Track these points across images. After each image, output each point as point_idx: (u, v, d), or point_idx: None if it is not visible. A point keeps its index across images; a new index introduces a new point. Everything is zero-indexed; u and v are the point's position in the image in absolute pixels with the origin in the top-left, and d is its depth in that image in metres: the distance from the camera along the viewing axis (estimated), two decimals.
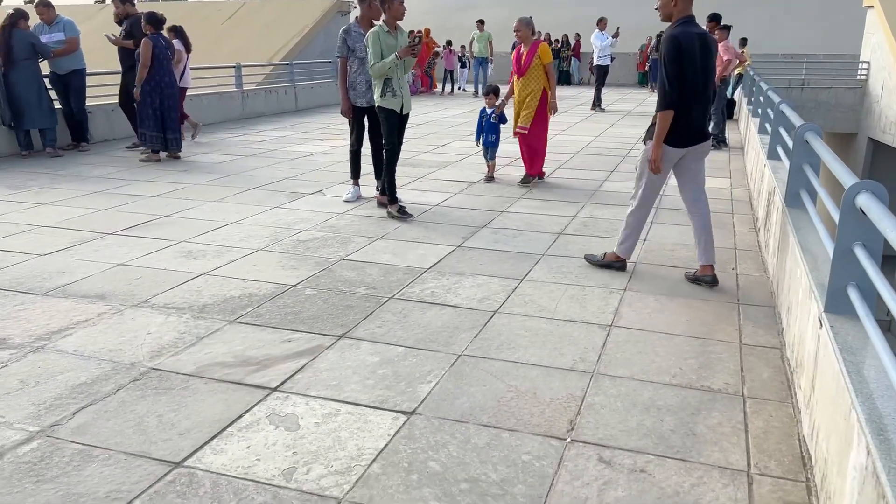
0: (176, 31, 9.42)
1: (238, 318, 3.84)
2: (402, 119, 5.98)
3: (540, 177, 7.61)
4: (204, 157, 9.03)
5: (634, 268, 4.77)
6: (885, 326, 10.76)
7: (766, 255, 5.00)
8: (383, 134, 5.93)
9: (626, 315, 3.94)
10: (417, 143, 10.11)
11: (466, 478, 2.46)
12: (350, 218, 6.00)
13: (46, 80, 8.79)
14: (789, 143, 4.93)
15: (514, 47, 7.53)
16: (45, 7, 8.83)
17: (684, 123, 4.27)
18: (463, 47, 20.90)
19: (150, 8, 8.47)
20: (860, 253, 2.42)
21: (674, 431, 2.76)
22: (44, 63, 8.70)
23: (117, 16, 9.02)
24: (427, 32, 19.77)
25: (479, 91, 18.68)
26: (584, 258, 4.85)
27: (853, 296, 2.46)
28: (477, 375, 3.20)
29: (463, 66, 21.17)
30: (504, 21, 7.46)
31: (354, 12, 11.66)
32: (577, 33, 24.44)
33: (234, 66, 13.23)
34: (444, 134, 11.37)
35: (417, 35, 5.83)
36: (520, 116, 7.37)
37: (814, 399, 2.61)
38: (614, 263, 4.70)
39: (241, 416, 2.83)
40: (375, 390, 3.05)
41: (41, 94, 8.57)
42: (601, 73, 15.36)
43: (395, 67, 5.70)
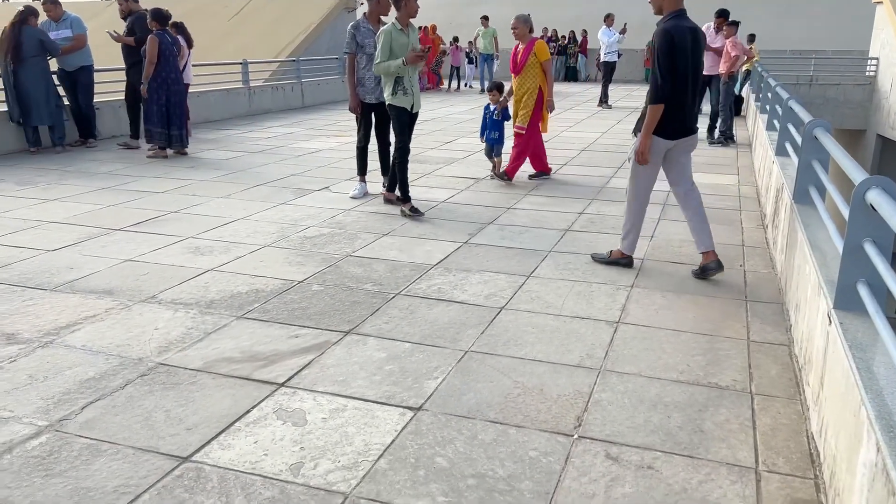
0: (177, 27, 9.42)
1: (245, 313, 3.85)
2: (412, 118, 5.96)
3: (508, 176, 7.30)
4: (211, 153, 9.04)
5: (641, 264, 4.76)
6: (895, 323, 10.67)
7: (773, 251, 4.98)
8: (395, 132, 5.90)
9: (633, 312, 3.93)
10: (424, 140, 10.10)
11: (473, 473, 2.46)
12: (357, 214, 6.00)
13: (55, 76, 8.82)
14: (798, 139, 4.90)
15: None
16: (52, 4, 8.86)
17: (675, 116, 4.33)
18: (470, 43, 20.82)
19: (155, 4, 8.46)
20: (870, 249, 2.41)
21: (681, 428, 2.75)
22: (52, 59, 8.73)
23: (122, 12, 9.04)
24: (433, 29, 19.75)
25: (485, 88, 18.64)
26: (591, 257, 4.84)
27: (863, 292, 2.44)
28: (484, 372, 3.20)
29: (470, 62, 21.09)
30: (508, 17, 7.39)
31: (362, 8, 11.67)
32: (583, 30, 24.35)
33: (240, 63, 13.24)
34: (451, 130, 11.36)
35: (427, 47, 5.79)
36: (517, 115, 7.27)
37: (822, 396, 2.59)
38: (620, 260, 4.69)
39: (248, 412, 2.84)
40: (382, 386, 3.05)
41: (49, 90, 8.59)
42: (608, 70, 15.31)
43: (402, 67, 5.67)
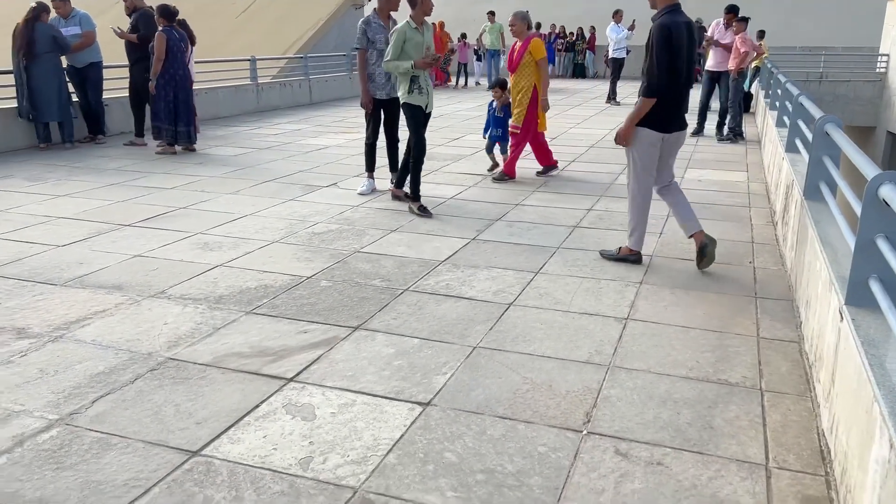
0: (180, 24, 9.41)
1: (254, 309, 3.85)
2: (426, 117, 5.91)
3: (509, 175, 7.25)
4: (219, 149, 9.06)
5: (650, 261, 4.74)
6: None
7: (783, 248, 4.95)
8: (410, 130, 5.82)
9: (642, 308, 3.92)
10: (432, 137, 10.01)
11: (482, 469, 2.45)
12: (365, 211, 6.01)
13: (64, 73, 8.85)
14: (808, 135, 4.88)
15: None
16: (61, 1, 8.85)
17: (671, 110, 4.39)
18: (478, 40, 20.76)
19: (162, 0, 8.45)
20: (883, 245, 2.39)
21: (691, 424, 2.74)
22: (62, 56, 8.76)
23: (127, 9, 9.05)
24: (441, 26, 19.71)
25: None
26: (600, 254, 4.83)
27: (875, 288, 2.42)
28: (492, 367, 3.20)
29: (479, 59, 21.02)
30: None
31: (370, 4, 11.65)
32: (591, 26, 24.28)
33: (248, 60, 13.27)
34: (458, 127, 11.34)
35: (438, 56, 5.76)
36: (513, 114, 7.18)
37: (834, 392, 2.58)
38: (629, 257, 4.67)
39: (257, 406, 2.85)
40: (391, 381, 3.06)
41: (62, 87, 8.63)
42: (616, 66, 15.26)
43: (411, 69, 5.61)
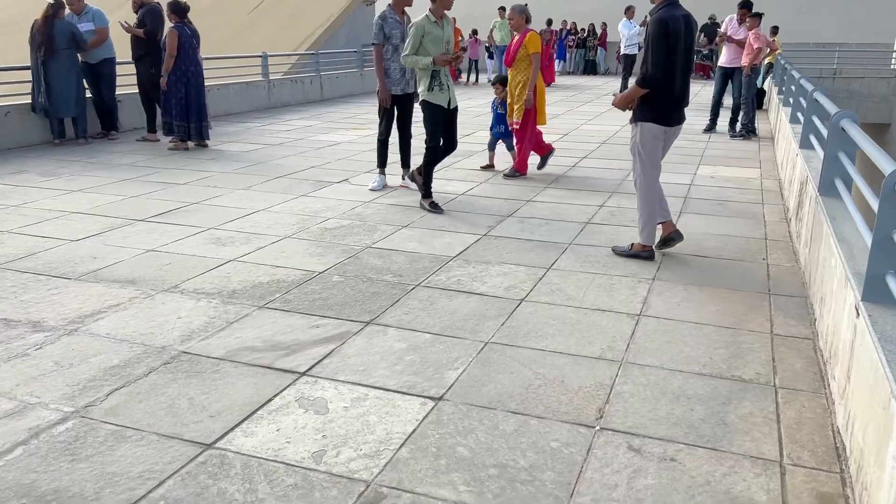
0: None
1: (267, 303, 3.87)
2: (452, 113, 5.82)
3: (520, 171, 7.22)
4: (231, 145, 9.09)
5: (663, 257, 4.72)
6: None
7: (797, 245, 4.92)
8: (427, 130, 5.74)
9: (654, 304, 3.90)
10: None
11: (495, 463, 2.46)
12: (376, 206, 6.01)
13: None
14: (823, 131, 4.84)
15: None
16: None
17: (671, 103, 4.45)
18: (489, 36, 20.71)
19: None
20: None
21: (704, 421, 2.73)
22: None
23: (134, 4, 9.08)
24: (453, 22, 19.64)
25: None
26: (612, 250, 4.81)
27: (892, 284, 2.41)
28: (504, 363, 3.20)
29: (490, 55, 20.96)
30: (528, 8, 7.29)
31: (382, 0, 11.64)
32: (603, 22, 24.17)
33: (260, 56, 13.30)
34: (469, 124, 11.32)
35: (457, 53, 5.74)
36: (513, 110, 7.10)
37: (849, 389, 2.56)
38: (642, 253, 4.66)
39: (270, 400, 2.86)
40: (403, 376, 3.06)
41: (79, 83, 8.69)
42: (628, 63, 15.21)
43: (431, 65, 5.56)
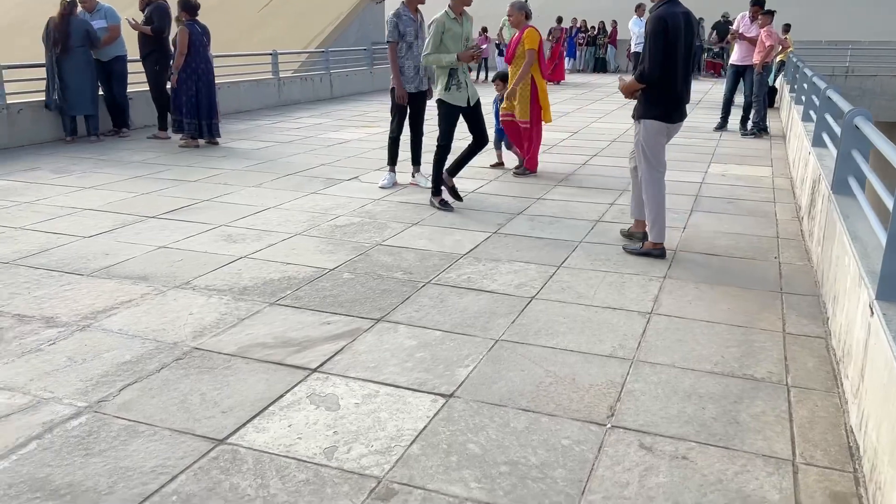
0: None
1: (278, 300, 3.88)
2: (475, 109, 5.81)
3: (530, 170, 7.23)
4: (241, 143, 9.12)
5: (674, 255, 4.70)
6: None
7: (809, 243, 4.89)
8: (441, 129, 5.74)
9: (665, 303, 3.89)
10: None
11: (506, 461, 2.46)
12: (386, 204, 6.02)
13: None
14: (836, 129, 4.81)
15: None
16: None
17: (673, 100, 4.49)
18: (499, 34, 20.65)
19: None
20: None
21: (716, 419, 2.72)
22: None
23: (141, 1, 9.09)
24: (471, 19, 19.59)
25: None
26: (623, 248, 4.80)
27: None
28: (515, 360, 3.19)
29: (500, 53, 20.91)
30: (538, 7, 7.28)
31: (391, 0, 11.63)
32: (613, 20, 24.11)
33: (270, 54, 13.34)
34: None
35: (480, 47, 5.77)
36: (516, 109, 7.06)
37: (863, 388, 2.54)
38: (652, 251, 4.64)
39: (282, 396, 2.87)
40: (414, 373, 3.06)
41: (93, 81, 8.74)
42: (639, 61, 15.15)
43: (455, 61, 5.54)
